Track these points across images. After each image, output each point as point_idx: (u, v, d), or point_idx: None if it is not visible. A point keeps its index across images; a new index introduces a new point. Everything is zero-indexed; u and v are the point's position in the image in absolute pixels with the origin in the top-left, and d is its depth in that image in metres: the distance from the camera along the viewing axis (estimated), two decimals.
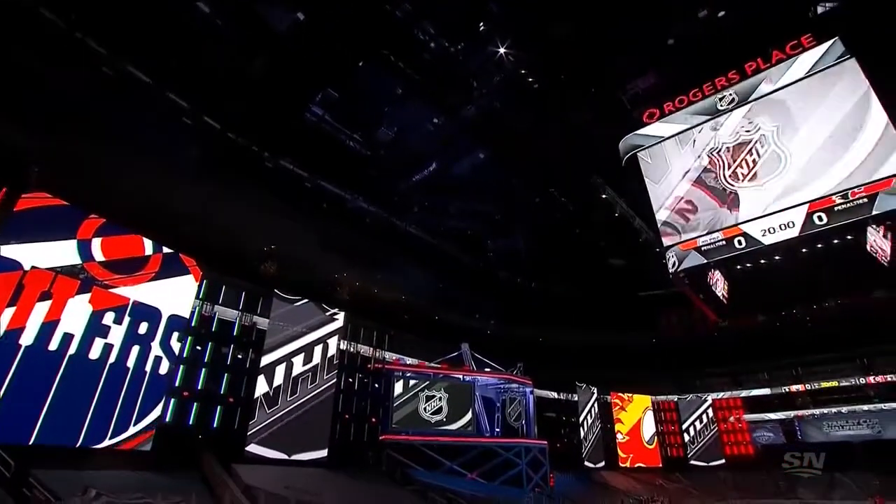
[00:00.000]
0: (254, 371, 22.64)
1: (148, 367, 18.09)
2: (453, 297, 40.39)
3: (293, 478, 19.08)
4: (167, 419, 19.14)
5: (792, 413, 43.93)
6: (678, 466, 43.60)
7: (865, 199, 19.37)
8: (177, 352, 19.43)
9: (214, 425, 21.48)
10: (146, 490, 14.12)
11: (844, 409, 41.40)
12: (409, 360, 30.87)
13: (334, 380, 25.03)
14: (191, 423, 20.64)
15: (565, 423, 40.17)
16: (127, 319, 17.78)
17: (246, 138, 25.79)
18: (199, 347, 21.90)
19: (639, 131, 26.34)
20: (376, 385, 28.74)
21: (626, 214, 32.74)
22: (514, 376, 32.43)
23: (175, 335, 19.32)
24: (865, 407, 40.68)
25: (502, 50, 22.04)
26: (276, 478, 18.65)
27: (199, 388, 21.49)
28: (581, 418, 39.17)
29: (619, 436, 41.94)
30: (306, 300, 25.43)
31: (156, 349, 18.50)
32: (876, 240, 21.72)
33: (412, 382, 29.18)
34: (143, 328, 18.23)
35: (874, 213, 19.30)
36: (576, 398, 39.97)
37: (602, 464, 38.59)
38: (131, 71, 20.82)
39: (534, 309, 45.05)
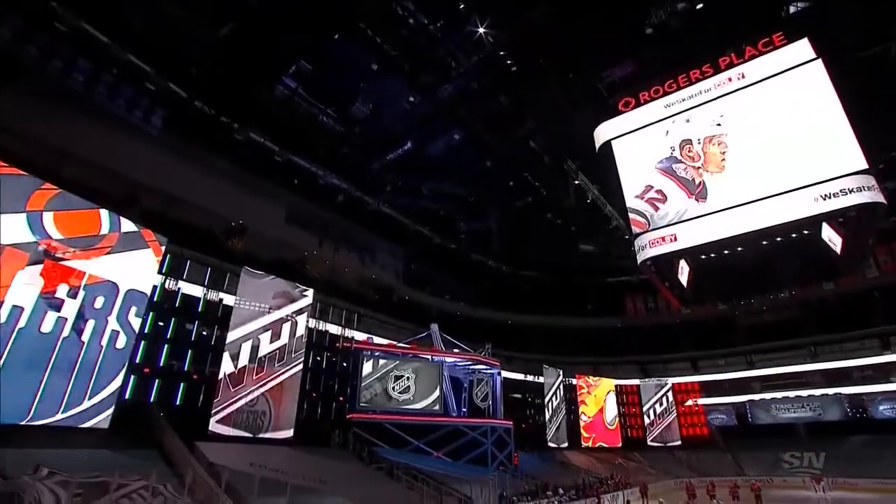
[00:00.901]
0: (219, 348, 22.17)
1: (104, 342, 17.42)
2: (424, 277, 40.49)
3: (258, 456, 18.87)
4: (126, 396, 18.64)
5: (744, 397, 46.36)
6: (637, 447, 45.44)
7: (821, 197, 20.09)
8: (136, 327, 18.77)
9: (177, 402, 21.12)
10: (103, 468, 13.70)
11: (791, 394, 44.00)
12: (379, 340, 30.85)
13: (302, 358, 24.74)
14: (152, 400, 20.23)
15: (531, 405, 41.15)
16: (82, 293, 17.03)
17: (214, 108, 24.77)
18: (161, 323, 21.31)
19: (614, 119, 26.49)
20: (345, 364, 28.67)
21: (597, 201, 33.18)
22: (483, 357, 32.83)
23: (133, 310, 18.60)
24: (809, 392, 43.31)
25: (481, 30, 21.68)
26: (241, 456, 18.43)
27: (160, 364, 21.01)
28: (546, 400, 40.12)
29: (582, 417, 43.26)
30: (275, 277, 24.86)
31: (112, 324, 17.79)
32: (830, 236, 22.72)
33: (381, 362, 29.24)
34: (99, 303, 17.49)
35: (824, 210, 20.09)
36: (542, 380, 40.83)
37: (565, 444, 39.77)
38: (87, 28, 19.57)
39: (504, 291, 45.66)
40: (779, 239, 22.92)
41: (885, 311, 41.59)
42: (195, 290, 22.99)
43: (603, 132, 26.73)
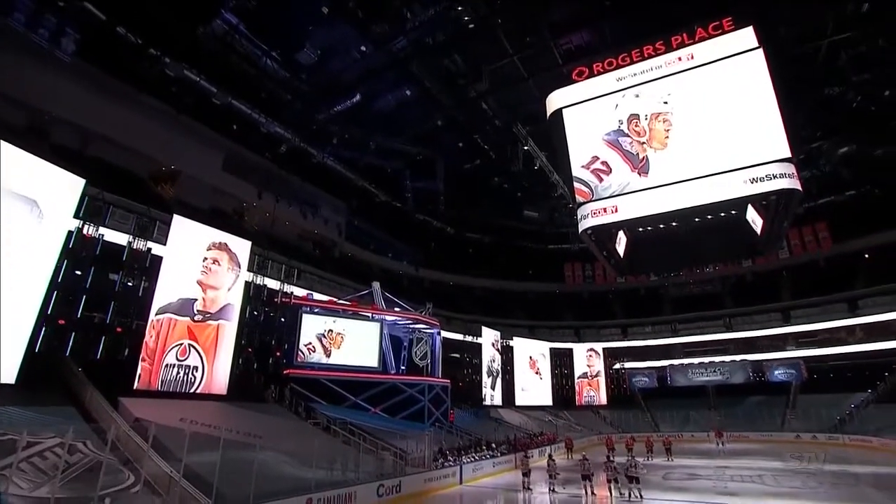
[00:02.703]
0: (147, 300, 20.85)
1: None
2: (367, 235, 39.91)
3: (190, 411, 18.26)
4: (37, 349, 17.24)
5: (666, 362, 50.43)
6: (567, 405, 48.45)
7: (750, 180, 21.32)
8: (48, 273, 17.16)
9: (98, 356, 19.88)
10: (11, 425, 12.74)
11: (706, 360, 48.45)
12: (319, 296, 30.33)
13: (237, 312, 23.88)
14: (68, 353, 18.88)
15: (469, 364, 42.46)
16: None
17: (141, 37, 22.32)
18: (78, 272, 19.68)
19: (567, 87, 26.45)
20: (283, 320, 28.04)
21: (545, 168, 33.56)
22: (423, 317, 33.20)
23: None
24: (722, 358, 47.96)
25: None
26: (171, 411, 17.75)
27: (78, 315, 19.56)
28: (483, 360, 41.40)
29: (517, 377, 45.23)
30: (210, 227, 23.47)
31: None
32: (753, 217, 24.37)
33: (321, 318, 28.85)
34: None
35: (752, 193, 21.41)
36: (480, 341, 41.99)
37: (500, 402, 41.60)
38: None
39: (447, 253, 45.95)
40: (710, 217, 24.34)
41: (790, 289, 46.02)
42: (119, 238, 21.33)
43: (555, 100, 26.69)
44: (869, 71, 26.26)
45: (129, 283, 21.56)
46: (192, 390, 21.16)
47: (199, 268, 22.45)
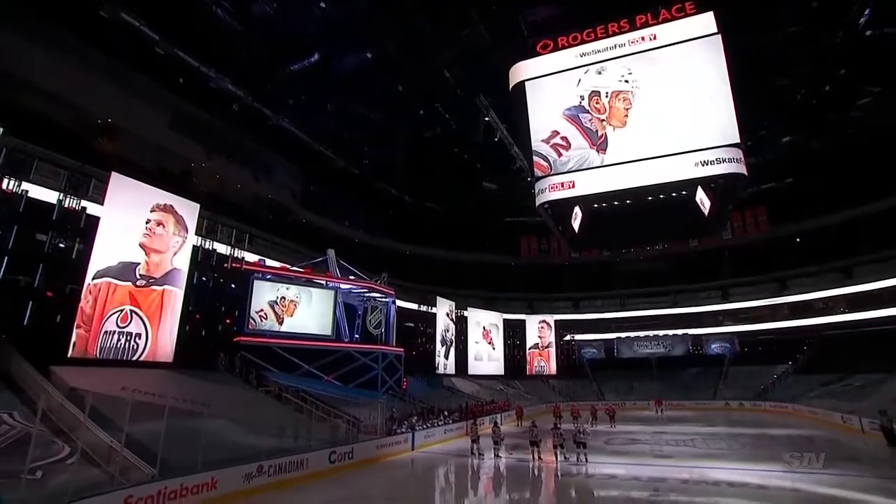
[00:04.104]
0: (83, 263, 19.43)
1: None
2: (323, 201, 38.85)
3: (131, 379, 17.42)
4: None
5: (613, 335, 52.83)
6: (518, 375, 49.99)
7: (701, 162, 22.16)
8: None
9: (25, 322, 18.52)
10: None
11: (651, 334, 51.17)
12: (272, 263, 29.45)
13: (184, 277, 22.80)
14: None
15: (423, 333, 42.87)
16: None
17: None
18: None
19: (530, 60, 26.35)
20: (233, 286, 27.09)
21: (505, 140, 33.55)
22: (378, 286, 32.94)
23: None
24: (665, 332, 50.81)
25: None
26: (111, 380, 16.88)
27: None
28: (438, 329, 41.84)
29: (470, 346, 46.12)
30: (154, 187, 21.99)
31: None
32: (702, 198, 25.46)
33: (273, 285, 28.11)
34: None
35: (702, 175, 22.32)
36: (435, 311, 42.33)
37: (453, 371, 42.40)
38: None
39: (404, 222, 45.56)
40: (662, 196, 25.25)
41: (731, 268, 48.94)
42: (48, 196, 19.67)
43: (518, 72, 26.55)
44: (813, 65, 27.53)
45: (61, 245, 20.04)
46: (134, 358, 20.19)
47: (141, 230, 21.12)
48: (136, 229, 20.93)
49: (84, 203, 20.45)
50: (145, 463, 11.37)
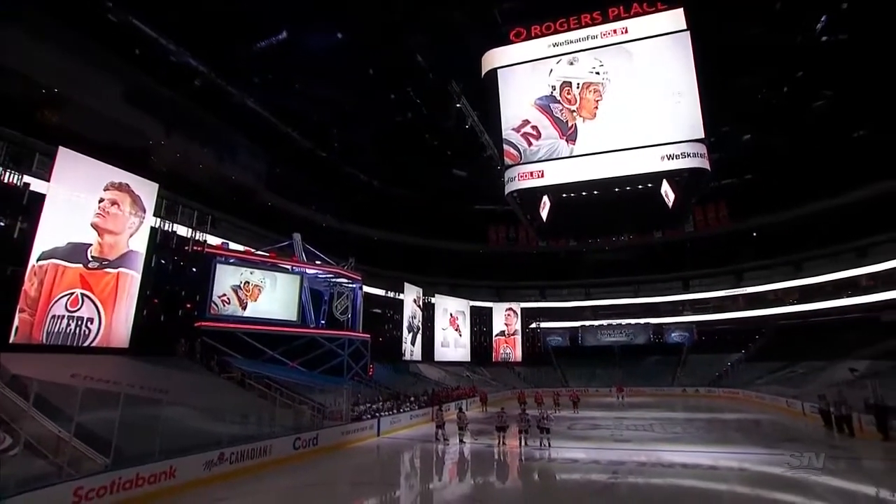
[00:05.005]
0: (26, 243, 18.26)
1: None
2: (290, 184, 37.84)
3: (83, 366, 16.62)
4: None
5: (578, 323, 54.10)
6: (484, 362, 50.59)
7: (666, 156, 22.68)
8: None
9: None
10: None
11: (614, 322, 52.67)
12: (235, 246, 28.57)
13: (142, 260, 21.81)
14: None
15: (390, 320, 42.67)
16: None
17: None
18: None
19: (503, 48, 26.22)
20: (194, 269, 26.11)
21: (476, 127, 33.42)
22: (345, 271, 32.49)
23: None
24: (628, 321, 52.39)
25: None
26: (59, 366, 16.03)
27: None
28: (405, 315, 41.77)
29: (437, 333, 46.30)
30: (107, 164, 20.79)
31: None
32: (667, 191, 26.13)
33: (237, 269, 27.31)
34: None
35: (667, 168, 22.88)
36: (402, 297, 42.20)
37: (419, 358, 42.51)
38: None
39: (372, 207, 45.02)
40: (628, 188, 25.78)
41: (691, 260, 50.74)
42: None
43: (491, 59, 26.40)
44: (773, 66, 28.51)
45: (1, 224, 18.77)
46: (85, 344, 19.25)
47: (94, 210, 20.01)
48: (88, 208, 19.81)
49: (27, 178, 19.12)
50: (98, 453, 10.90)
